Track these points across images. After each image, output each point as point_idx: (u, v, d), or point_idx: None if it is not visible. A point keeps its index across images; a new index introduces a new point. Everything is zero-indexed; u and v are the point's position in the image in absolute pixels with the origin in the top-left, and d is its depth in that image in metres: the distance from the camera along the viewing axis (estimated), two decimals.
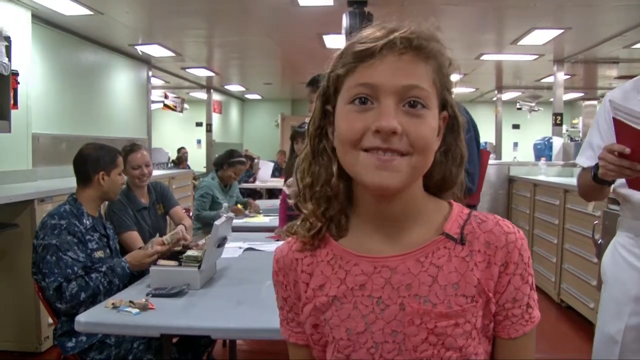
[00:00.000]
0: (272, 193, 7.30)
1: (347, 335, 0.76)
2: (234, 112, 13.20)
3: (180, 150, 9.80)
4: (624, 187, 1.55)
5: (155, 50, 6.31)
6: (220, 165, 4.14)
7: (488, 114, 10.44)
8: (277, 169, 8.83)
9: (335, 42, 5.53)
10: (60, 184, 3.64)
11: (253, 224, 3.70)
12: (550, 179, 4.79)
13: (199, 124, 12.00)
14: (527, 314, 0.76)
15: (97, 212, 2.29)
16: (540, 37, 5.43)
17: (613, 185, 1.62)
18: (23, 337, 3.19)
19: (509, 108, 10.96)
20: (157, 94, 9.35)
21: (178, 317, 1.71)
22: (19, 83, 3.88)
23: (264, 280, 2.11)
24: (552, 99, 6.74)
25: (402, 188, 0.72)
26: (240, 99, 13.32)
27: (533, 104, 9.37)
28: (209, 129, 10.26)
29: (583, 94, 10.30)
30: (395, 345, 0.74)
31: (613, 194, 1.69)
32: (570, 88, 8.94)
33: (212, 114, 10.36)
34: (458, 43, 5.83)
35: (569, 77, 7.69)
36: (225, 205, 3.47)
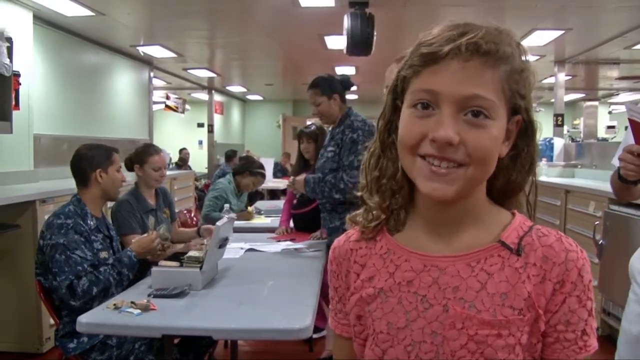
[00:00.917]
0: (273, 194, 7.29)
1: (387, 329, 0.75)
2: (236, 113, 13.21)
3: (182, 151, 9.81)
4: None
5: (157, 51, 6.32)
6: (241, 172, 4.09)
7: None
8: (279, 170, 8.83)
9: (337, 43, 5.53)
10: (62, 185, 3.64)
11: (254, 225, 3.70)
12: (552, 180, 4.79)
13: (201, 125, 12.01)
14: (581, 341, 0.71)
15: (100, 213, 2.30)
16: (541, 38, 5.42)
17: None
18: (24, 338, 3.19)
19: None
20: (158, 95, 9.37)
21: (180, 317, 1.71)
22: (21, 84, 3.89)
23: (266, 281, 2.12)
24: (553, 100, 6.74)
25: (455, 199, 0.71)
26: (242, 100, 13.34)
27: (534, 105, 9.34)
28: (211, 130, 10.27)
29: (584, 95, 10.29)
30: (434, 347, 0.72)
31: None
32: (572, 89, 8.93)
33: (213, 115, 10.37)
34: None
35: (570, 78, 7.68)
36: (227, 207, 3.46)
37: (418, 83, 0.71)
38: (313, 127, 3.33)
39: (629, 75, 7.75)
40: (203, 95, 10.72)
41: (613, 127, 9.85)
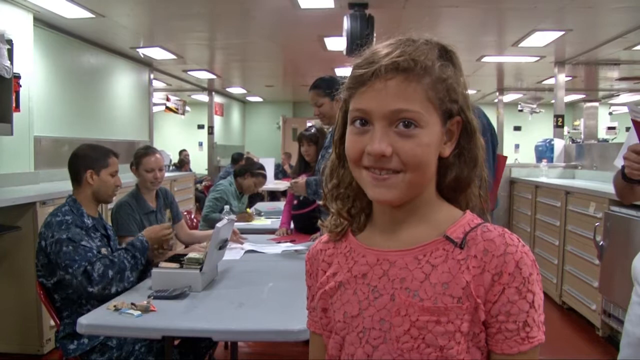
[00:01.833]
0: (274, 195, 7.28)
1: (343, 318, 0.82)
2: (236, 114, 13.22)
3: (182, 153, 9.81)
4: None
5: (157, 53, 6.33)
6: (242, 173, 4.10)
7: (489, 116, 10.33)
8: (280, 172, 8.79)
9: (337, 44, 5.53)
10: (62, 187, 3.64)
11: (255, 226, 3.70)
12: (552, 181, 4.78)
13: (201, 127, 12.03)
14: (523, 332, 0.74)
15: (96, 212, 2.29)
16: (541, 39, 5.43)
17: None
18: (25, 339, 3.19)
19: (511, 110, 10.97)
20: (158, 97, 9.38)
21: (180, 319, 1.71)
22: (21, 86, 3.89)
23: (266, 282, 2.12)
24: (553, 101, 6.74)
25: (399, 201, 0.78)
26: (242, 101, 13.34)
27: (534, 106, 9.38)
28: (211, 132, 10.28)
29: (584, 96, 10.29)
30: (382, 333, 0.78)
31: None
32: (572, 90, 8.94)
33: (213, 117, 10.37)
34: (459, 45, 5.70)
35: (570, 78, 7.68)
36: (227, 208, 3.47)
37: (354, 103, 0.78)
38: (313, 129, 3.35)
39: (629, 76, 7.76)
40: (203, 97, 10.73)
41: (613, 128, 9.87)
